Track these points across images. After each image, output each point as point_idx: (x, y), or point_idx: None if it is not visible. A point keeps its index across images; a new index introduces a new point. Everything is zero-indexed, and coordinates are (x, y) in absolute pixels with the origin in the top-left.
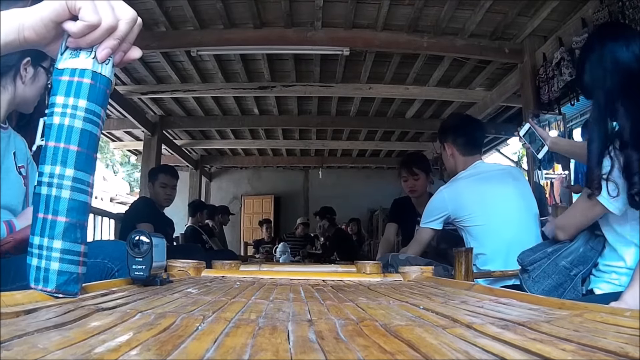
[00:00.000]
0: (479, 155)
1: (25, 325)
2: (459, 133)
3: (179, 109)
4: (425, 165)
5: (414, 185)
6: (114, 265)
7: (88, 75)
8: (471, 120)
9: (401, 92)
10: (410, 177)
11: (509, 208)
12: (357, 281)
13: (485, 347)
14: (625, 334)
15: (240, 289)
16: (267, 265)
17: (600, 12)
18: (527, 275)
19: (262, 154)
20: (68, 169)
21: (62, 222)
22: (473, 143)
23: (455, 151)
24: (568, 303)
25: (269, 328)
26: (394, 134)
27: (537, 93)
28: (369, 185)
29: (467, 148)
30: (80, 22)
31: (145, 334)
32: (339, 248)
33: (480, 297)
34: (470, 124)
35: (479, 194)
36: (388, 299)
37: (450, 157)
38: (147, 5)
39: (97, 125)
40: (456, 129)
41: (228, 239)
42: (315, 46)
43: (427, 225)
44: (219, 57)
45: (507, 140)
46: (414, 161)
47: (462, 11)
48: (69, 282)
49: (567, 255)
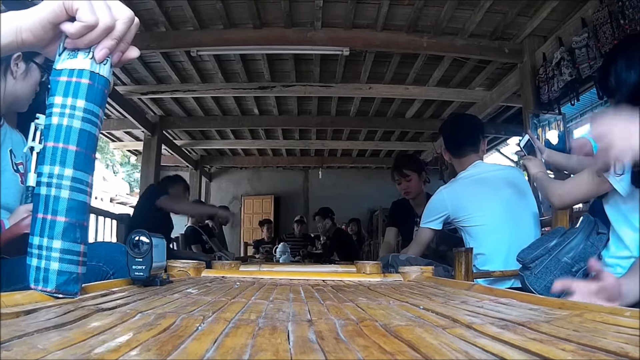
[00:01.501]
0: (474, 155)
1: (25, 325)
2: (448, 137)
3: (178, 109)
4: (416, 165)
5: (407, 187)
6: (109, 268)
7: (86, 76)
8: (457, 121)
9: (401, 92)
10: (403, 179)
11: (509, 208)
12: (357, 281)
13: (485, 347)
14: (625, 334)
15: (240, 289)
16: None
17: (600, 12)
18: (529, 272)
19: (262, 154)
20: (67, 169)
21: (62, 222)
22: (462, 143)
23: (450, 155)
24: (568, 303)
25: (268, 328)
26: (393, 134)
27: (537, 93)
28: (369, 185)
29: (459, 150)
30: (77, 22)
31: (145, 334)
32: (339, 248)
33: (480, 297)
34: (456, 125)
35: (478, 194)
36: (388, 299)
37: (449, 162)
38: (147, 5)
39: (95, 125)
40: (445, 134)
41: (228, 239)
42: (315, 46)
43: (427, 225)
44: (219, 57)
45: (507, 140)
46: (404, 163)
47: (462, 11)
48: (68, 282)
49: (568, 251)
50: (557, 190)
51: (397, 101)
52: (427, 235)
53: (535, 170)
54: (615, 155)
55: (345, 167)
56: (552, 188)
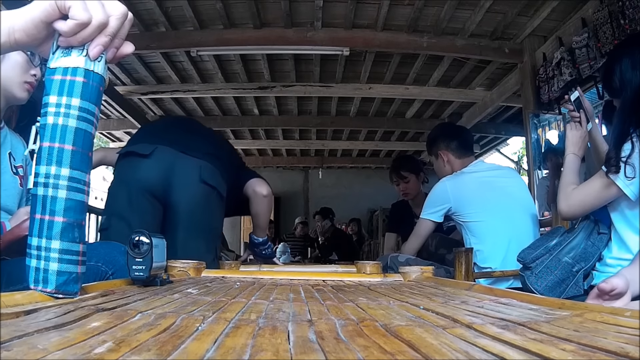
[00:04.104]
0: (472, 157)
1: (25, 325)
2: (450, 137)
3: (179, 109)
4: (414, 166)
5: (406, 188)
6: (108, 268)
7: (80, 74)
8: (457, 126)
9: (401, 92)
10: (401, 180)
11: (509, 206)
12: (357, 281)
13: (485, 347)
14: (625, 334)
15: (241, 290)
16: (267, 265)
17: (600, 12)
18: (529, 272)
19: (262, 154)
20: (64, 169)
21: (60, 222)
22: (465, 145)
23: (451, 156)
24: (568, 303)
25: (269, 328)
26: (393, 134)
27: (537, 93)
28: (369, 185)
29: (462, 150)
30: (70, 20)
31: (145, 334)
32: (337, 248)
33: (480, 297)
34: (457, 128)
35: (481, 190)
36: (388, 299)
37: (446, 164)
38: (147, 6)
39: (91, 124)
40: (446, 134)
41: (228, 239)
42: (315, 46)
43: (428, 216)
44: (219, 57)
45: (507, 140)
46: (401, 164)
47: (462, 11)
48: (68, 282)
49: (569, 250)
50: (567, 199)
51: (397, 101)
52: (428, 226)
53: (571, 149)
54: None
55: (345, 167)
56: (562, 195)
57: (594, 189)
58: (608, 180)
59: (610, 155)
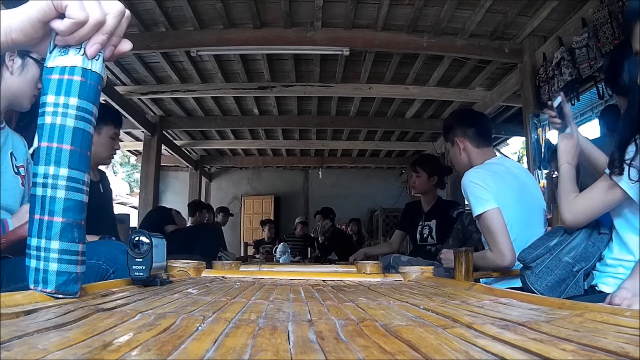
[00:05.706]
0: (492, 148)
1: (25, 325)
2: (468, 124)
3: (178, 109)
4: (429, 167)
5: (414, 182)
6: (109, 266)
7: (78, 73)
8: (476, 112)
9: (401, 92)
10: (413, 173)
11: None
12: (357, 281)
13: (485, 347)
14: (625, 334)
15: (241, 290)
16: (267, 265)
17: (600, 12)
18: (530, 272)
19: (262, 154)
20: (62, 169)
21: (59, 222)
22: (483, 133)
23: (468, 144)
24: (568, 303)
25: (269, 328)
26: (393, 134)
27: (537, 93)
28: (369, 185)
29: (480, 139)
30: (67, 19)
31: (145, 334)
32: (337, 248)
33: (480, 297)
34: (476, 115)
35: (511, 182)
36: (388, 299)
37: (462, 153)
38: (147, 6)
39: (89, 123)
40: (464, 121)
41: (228, 240)
42: (315, 46)
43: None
44: (219, 57)
45: (507, 140)
46: (419, 160)
47: (462, 11)
48: (68, 282)
49: (569, 250)
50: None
51: (397, 101)
52: (497, 215)
53: (565, 159)
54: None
55: (345, 167)
56: (564, 204)
57: (597, 194)
58: (611, 183)
59: (614, 157)
